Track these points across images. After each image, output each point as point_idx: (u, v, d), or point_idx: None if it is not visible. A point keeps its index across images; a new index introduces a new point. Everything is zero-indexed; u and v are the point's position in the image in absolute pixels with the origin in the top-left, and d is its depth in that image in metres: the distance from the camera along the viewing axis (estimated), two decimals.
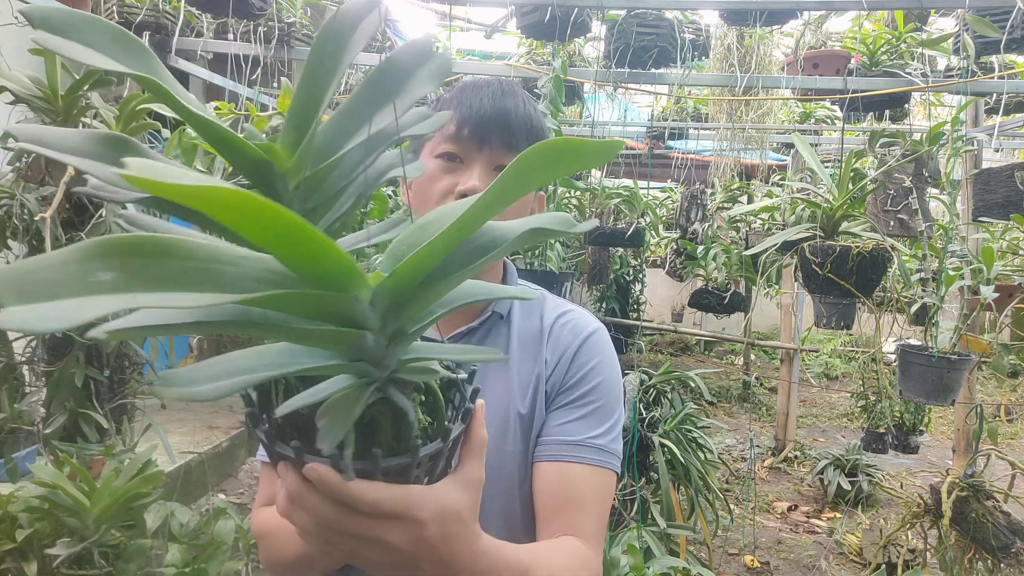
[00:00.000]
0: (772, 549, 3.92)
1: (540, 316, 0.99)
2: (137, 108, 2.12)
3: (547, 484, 0.88)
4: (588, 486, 0.87)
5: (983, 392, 7.40)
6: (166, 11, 3.08)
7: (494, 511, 0.85)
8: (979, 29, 2.68)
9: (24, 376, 2.59)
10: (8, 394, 2.50)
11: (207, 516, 2.49)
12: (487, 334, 0.97)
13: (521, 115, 0.91)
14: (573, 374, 0.93)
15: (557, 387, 0.93)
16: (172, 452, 3.14)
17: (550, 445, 0.89)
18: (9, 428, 2.46)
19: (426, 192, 0.91)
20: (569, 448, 0.89)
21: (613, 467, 0.92)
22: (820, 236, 2.58)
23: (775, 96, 4.27)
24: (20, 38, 2.54)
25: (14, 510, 2.03)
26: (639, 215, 4.37)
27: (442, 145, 0.91)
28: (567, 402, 0.92)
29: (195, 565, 2.19)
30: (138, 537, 2.11)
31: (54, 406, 2.48)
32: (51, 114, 2.05)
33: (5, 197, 2.35)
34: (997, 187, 2.68)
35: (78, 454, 2.36)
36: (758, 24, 3.17)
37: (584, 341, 0.96)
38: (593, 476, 0.88)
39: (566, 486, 0.87)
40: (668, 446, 2.82)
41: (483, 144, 0.90)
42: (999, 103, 3.07)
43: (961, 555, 2.67)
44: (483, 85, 0.94)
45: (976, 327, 2.88)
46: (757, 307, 4.39)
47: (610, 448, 0.91)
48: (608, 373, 0.95)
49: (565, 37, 3.21)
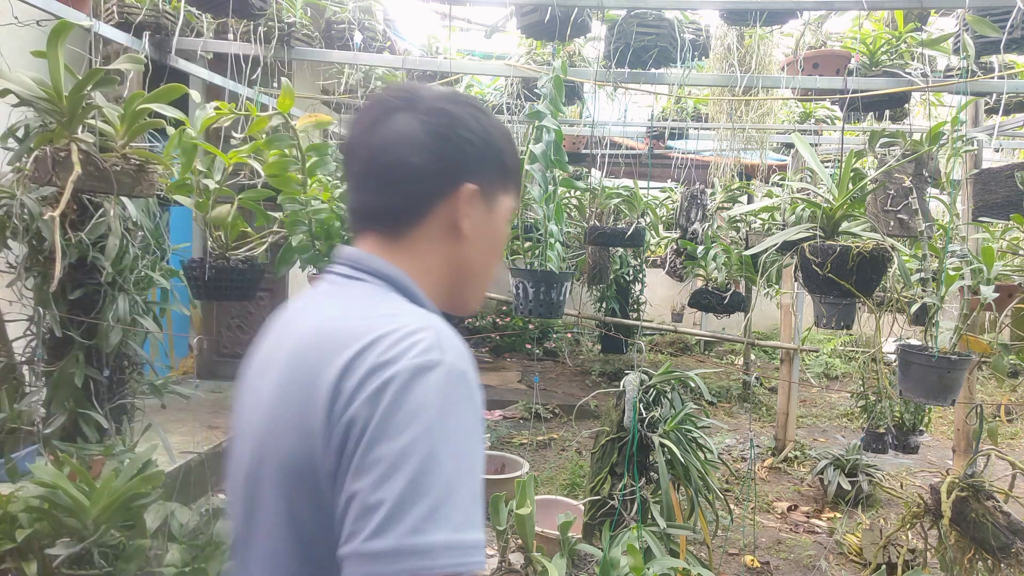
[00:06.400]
0: (772, 549, 3.93)
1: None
2: (139, 108, 2.12)
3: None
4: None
5: (983, 392, 7.40)
6: (166, 11, 3.08)
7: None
8: (979, 29, 2.68)
9: (24, 376, 2.59)
10: (8, 394, 2.50)
11: (207, 516, 2.49)
12: None
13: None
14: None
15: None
16: (172, 452, 3.14)
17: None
18: (9, 428, 2.46)
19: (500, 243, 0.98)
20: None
21: (410, 573, 0.65)
22: (820, 236, 2.58)
23: (775, 96, 4.27)
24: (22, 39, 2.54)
25: (14, 510, 2.02)
26: (639, 215, 4.37)
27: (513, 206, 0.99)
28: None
29: (195, 565, 2.19)
30: (138, 537, 2.11)
31: (54, 406, 2.48)
32: (55, 115, 2.04)
33: (5, 197, 2.35)
34: (997, 187, 2.68)
35: (78, 454, 2.36)
36: (758, 24, 3.17)
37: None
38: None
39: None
40: (668, 446, 2.82)
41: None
42: (999, 103, 3.07)
43: (961, 555, 2.67)
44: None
45: (976, 327, 2.88)
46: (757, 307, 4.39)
47: (376, 551, 0.66)
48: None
49: (565, 37, 3.21)
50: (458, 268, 0.91)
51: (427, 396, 0.70)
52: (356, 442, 0.70)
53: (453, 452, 0.69)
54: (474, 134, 0.88)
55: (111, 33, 2.84)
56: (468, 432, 0.72)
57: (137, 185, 2.09)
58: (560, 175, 3.08)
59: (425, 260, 0.89)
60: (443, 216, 0.88)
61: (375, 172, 0.86)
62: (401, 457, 0.67)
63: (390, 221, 0.88)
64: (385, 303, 0.83)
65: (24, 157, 2.20)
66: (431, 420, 0.69)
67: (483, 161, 0.90)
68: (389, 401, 0.70)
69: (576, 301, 5.68)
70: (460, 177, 0.87)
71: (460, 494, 0.68)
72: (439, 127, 0.86)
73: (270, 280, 4.04)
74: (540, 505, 3.23)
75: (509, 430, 5.80)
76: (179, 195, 2.56)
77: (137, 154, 2.12)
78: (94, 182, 1.99)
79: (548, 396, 6.69)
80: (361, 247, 0.90)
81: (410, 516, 0.65)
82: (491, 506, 2.90)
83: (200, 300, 2.78)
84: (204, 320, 5.21)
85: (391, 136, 0.85)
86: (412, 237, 0.88)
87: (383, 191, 0.87)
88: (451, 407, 0.71)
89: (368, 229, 0.89)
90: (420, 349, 0.73)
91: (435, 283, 0.90)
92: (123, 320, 2.50)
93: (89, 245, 2.35)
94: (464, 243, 0.90)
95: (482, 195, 0.90)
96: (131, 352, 2.67)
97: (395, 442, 0.68)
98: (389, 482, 0.67)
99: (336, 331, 0.78)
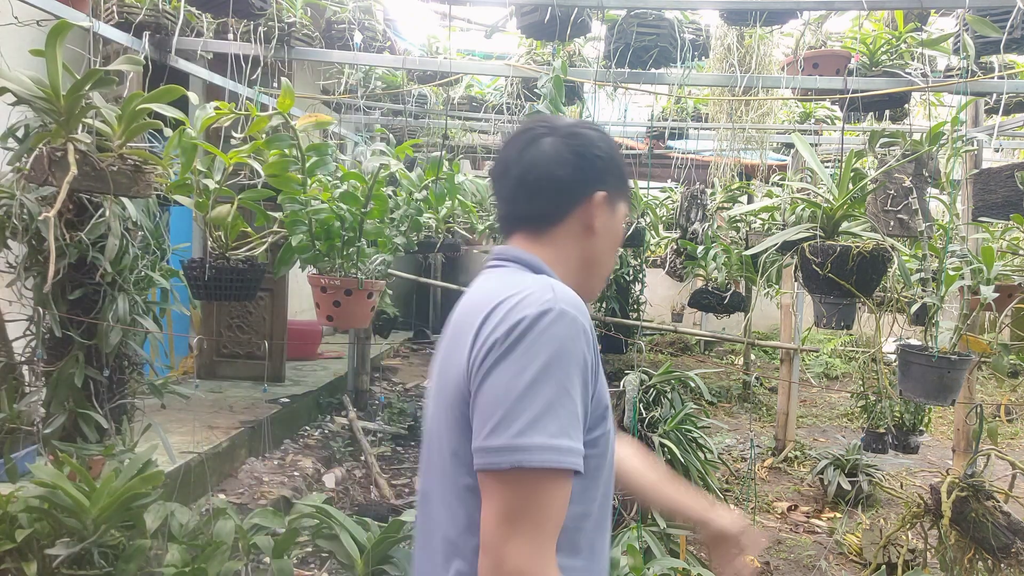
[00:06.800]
0: (772, 549, 3.92)
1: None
2: (138, 108, 2.11)
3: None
4: (484, 491, 0.93)
5: (983, 392, 7.40)
6: (166, 11, 3.08)
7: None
8: (979, 29, 2.68)
9: (24, 376, 2.59)
10: (8, 394, 2.49)
11: (207, 516, 2.49)
12: None
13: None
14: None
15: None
16: (172, 452, 3.14)
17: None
18: (9, 428, 2.46)
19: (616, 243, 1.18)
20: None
21: (496, 466, 0.89)
22: (820, 236, 2.58)
23: (775, 96, 4.27)
24: (20, 38, 2.54)
25: (14, 510, 2.02)
26: (639, 215, 4.36)
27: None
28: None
29: (195, 565, 2.19)
30: (138, 537, 2.11)
31: (54, 406, 2.48)
32: (53, 114, 2.04)
33: (5, 197, 2.35)
34: (997, 187, 2.68)
35: (78, 454, 2.36)
36: (758, 24, 3.17)
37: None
38: (484, 479, 0.92)
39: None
40: (668, 446, 2.82)
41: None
42: (999, 103, 3.07)
43: (961, 555, 2.67)
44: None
45: (976, 327, 2.88)
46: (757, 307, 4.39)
47: (492, 446, 0.90)
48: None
49: (565, 37, 3.21)
50: (588, 259, 1.13)
51: (540, 333, 0.92)
52: (488, 364, 0.93)
53: (555, 378, 0.90)
54: (603, 151, 1.12)
55: (111, 33, 2.84)
56: (570, 364, 0.92)
57: (134, 185, 2.08)
58: None
59: (563, 252, 1.11)
60: (579, 218, 1.10)
61: (527, 184, 1.10)
62: (514, 378, 0.90)
63: (537, 222, 1.11)
64: (519, 276, 1.05)
65: (24, 157, 2.19)
66: (539, 351, 0.91)
67: (609, 172, 1.12)
68: (513, 337, 0.92)
69: None
70: (593, 186, 1.10)
71: (557, 412, 0.89)
72: (577, 146, 1.10)
73: (270, 280, 4.04)
74: None
75: None
76: (179, 195, 2.56)
77: (134, 154, 2.12)
78: (90, 182, 1.99)
79: None
80: (509, 245, 1.14)
81: (516, 423, 0.88)
82: None
83: (200, 300, 2.78)
84: (204, 320, 5.21)
85: (540, 156, 1.09)
86: (553, 234, 1.11)
87: (534, 199, 1.10)
88: (557, 343, 0.92)
89: (517, 230, 1.13)
90: (541, 299, 0.94)
91: (569, 271, 1.11)
92: (123, 320, 2.50)
93: (89, 245, 2.34)
94: (594, 239, 1.12)
95: (608, 200, 1.11)
96: (131, 352, 2.67)
97: (511, 366, 0.91)
98: (503, 397, 0.90)
99: (481, 296, 1.03)
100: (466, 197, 3.51)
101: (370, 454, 4.71)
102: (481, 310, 0.98)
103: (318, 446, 4.69)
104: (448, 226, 4.83)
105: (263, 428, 4.26)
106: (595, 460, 1.00)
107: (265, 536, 2.44)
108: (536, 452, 0.87)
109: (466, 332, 0.99)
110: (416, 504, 1.18)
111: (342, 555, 2.48)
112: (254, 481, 3.87)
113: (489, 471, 0.90)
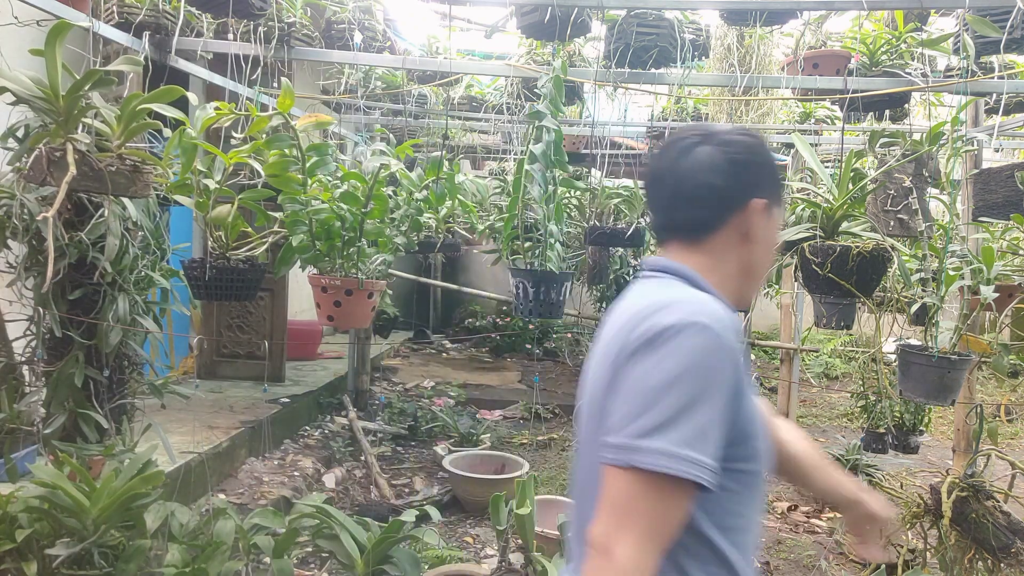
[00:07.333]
0: (772, 549, 3.92)
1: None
2: (138, 108, 2.11)
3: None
4: (604, 481, 0.94)
5: (983, 392, 7.40)
6: (166, 11, 3.08)
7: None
8: (979, 29, 2.67)
9: (24, 376, 2.59)
10: (8, 394, 2.49)
11: (207, 516, 2.49)
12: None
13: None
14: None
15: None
16: (172, 452, 3.14)
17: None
18: (9, 428, 2.45)
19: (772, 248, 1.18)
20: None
21: (614, 462, 0.92)
22: (820, 236, 2.58)
23: (775, 96, 4.26)
24: (20, 38, 2.54)
25: (14, 510, 2.02)
26: (639, 215, 4.36)
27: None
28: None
29: (195, 565, 2.19)
30: (138, 537, 2.11)
31: (54, 406, 2.48)
32: (52, 114, 2.04)
33: (5, 197, 2.35)
34: (997, 187, 2.68)
35: (78, 454, 2.36)
36: (758, 24, 3.17)
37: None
38: (605, 472, 0.94)
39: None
40: None
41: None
42: (999, 103, 3.07)
43: (961, 555, 2.67)
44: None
45: (976, 327, 2.87)
46: (757, 307, 4.39)
47: (614, 443, 0.93)
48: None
49: (565, 37, 3.21)
50: (745, 267, 1.13)
51: (680, 342, 0.93)
52: (625, 366, 0.96)
53: (687, 388, 0.91)
54: (759, 157, 1.12)
55: (111, 33, 2.84)
56: (707, 377, 0.92)
57: (132, 185, 2.08)
58: (560, 175, 3.08)
59: (719, 261, 1.11)
60: (736, 226, 1.10)
61: (683, 194, 1.10)
62: (645, 379, 0.93)
63: (693, 231, 1.11)
64: (671, 288, 1.07)
65: (24, 157, 2.19)
66: (677, 359, 0.92)
67: (765, 178, 1.12)
68: (654, 342, 0.94)
69: (576, 301, 5.68)
70: (751, 193, 1.09)
71: (685, 422, 0.90)
72: (735, 154, 1.09)
73: (270, 280, 4.04)
74: (540, 505, 3.23)
75: (509, 430, 5.80)
76: (179, 195, 2.56)
77: (133, 154, 2.12)
78: (89, 182, 1.99)
79: (548, 396, 6.69)
80: (664, 255, 1.15)
81: (637, 424, 0.91)
82: (491, 506, 2.90)
83: (200, 300, 2.78)
84: (204, 320, 5.20)
85: (696, 165, 1.09)
86: (710, 243, 1.10)
87: (690, 208, 1.10)
88: (696, 354, 0.92)
89: (672, 240, 1.14)
90: (687, 312, 0.96)
91: (724, 278, 1.11)
92: (123, 320, 2.50)
93: (89, 245, 2.34)
94: (751, 247, 1.11)
95: (766, 207, 1.10)
96: (131, 352, 2.67)
97: (646, 367, 0.93)
98: (632, 397, 0.93)
99: (631, 307, 1.05)
100: (466, 197, 3.51)
101: (370, 454, 4.71)
102: (630, 318, 1.01)
103: (318, 446, 4.69)
104: (448, 226, 4.83)
105: (263, 428, 4.26)
106: (736, 479, 1.00)
107: (265, 536, 2.44)
108: (652, 455, 0.89)
109: (615, 340, 1.02)
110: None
111: (342, 555, 2.48)
112: (254, 481, 3.87)
113: (610, 465, 0.93)
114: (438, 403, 6.10)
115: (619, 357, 0.98)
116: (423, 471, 4.82)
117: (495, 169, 7.03)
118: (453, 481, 4.36)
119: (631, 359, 0.95)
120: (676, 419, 0.90)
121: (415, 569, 2.53)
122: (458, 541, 3.88)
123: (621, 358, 0.97)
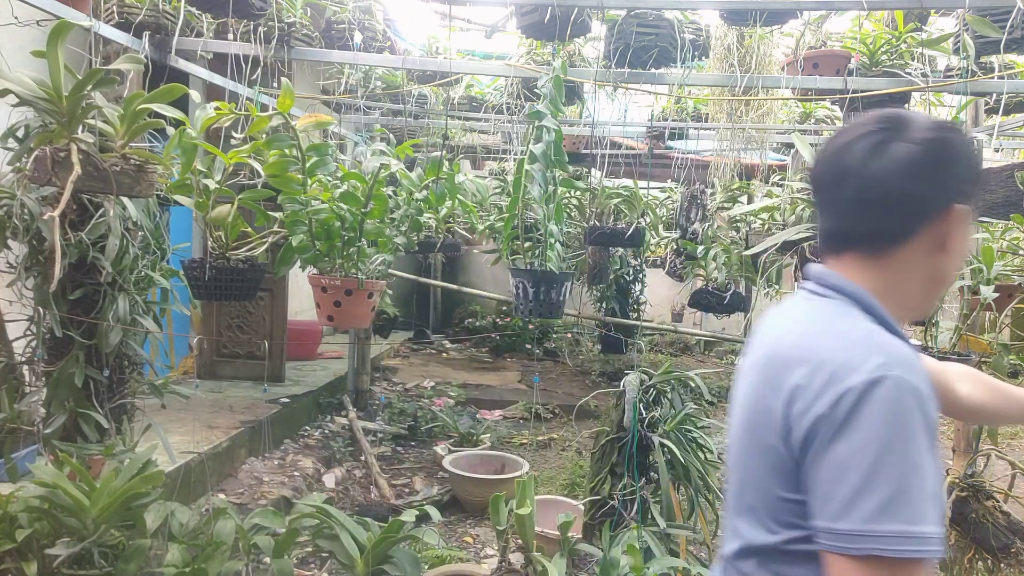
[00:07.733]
0: None
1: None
2: (139, 108, 2.12)
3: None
4: (831, 570, 0.87)
5: None
6: (166, 11, 3.08)
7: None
8: (979, 29, 2.68)
9: (24, 376, 2.59)
10: (8, 394, 2.49)
11: (207, 516, 2.49)
12: None
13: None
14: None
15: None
16: (172, 452, 3.14)
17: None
18: (9, 428, 2.46)
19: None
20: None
21: (847, 551, 0.84)
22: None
23: (775, 96, 4.26)
24: (21, 39, 2.54)
25: (14, 510, 2.02)
26: (639, 215, 4.36)
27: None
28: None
29: (195, 565, 2.19)
30: (138, 537, 2.11)
31: (54, 406, 2.48)
32: (55, 115, 2.04)
33: (5, 197, 2.35)
34: (997, 187, 2.68)
35: (78, 454, 2.36)
36: (758, 24, 3.17)
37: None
38: (834, 560, 0.86)
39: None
40: (668, 446, 2.82)
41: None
42: (999, 103, 3.08)
43: (961, 555, 2.67)
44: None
45: (976, 327, 2.88)
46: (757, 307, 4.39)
47: (842, 531, 0.84)
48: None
49: (565, 37, 3.21)
50: (933, 279, 0.99)
51: (877, 406, 0.83)
52: (820, 440, 0.86)
53: (900, 456, 0.82)
54: (966, 158, 0.97)
55: (111, 33, 2.84)
56: (913, 438, 0.83)
57: (136, 185, 2.08)
58: (560, 175, 3.08)
59: (902, 275, 0.98)
60: (929, 235, 0.95)
61: (871, 199, 0.96)
62: (855, 456, 0.83)
63: (876, 242, 0.97)
64: (843, 319, 0.95)
65: (24, 157, 2.19)
66: (880, 427, 0.83)
67: (969, 183, 0.98)
68: (846, 410, 0.84)
69: (576, 301, 5.67)
70: (951, 199, 0.95)
71: (910, 493, 0.82)
72: (937, 155, 0.94)
73: (270, 280, 4.04)
74: (540, 505, 3.23)
75: (509, 430, 5.79)
76: (179, 195, 2.56)
77: (137, 154, 2.12)
78: (93, 182, 1.99)
79: (548, 396, 6.69)
80: (834, 266, 1.01)
81: (864, 507, 0.82)
82: (491, 506, 2.90)
83: (200, 300, 2.78)
84: (204, 320, 5.21)
85: (891, 167, 0.94)
86: (894, 255, 0.97)
87: (879, 218, 0.96)
88: (897, 416, 0.83)
89: (848, 250, 1.00)
90: (869, 365, 0.86)
91: (906, 294, 0.99)
92: (123, 320, 2.50)
93: (89, 245, 2.34)
94: (945, 257, 0.97)
95: (967, 213, 0.96)
96: (131, 352, 2.67)
97: (850, 444, 0.83)
98: (846, 478, 0.83)
99: (797, 344, 0.95)
100: (466, 197, 3.51)
101: (370, 454, 4.72)
102: (796, 359, 0.92)
103: (318, 446, 4.69)
104: (448, 226, 4.84)
105: (263, 428, 4.26)
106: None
107: (265, 536, 2.44)
108: (893, 542, 0.81)
109: (779, 377, 0.94)
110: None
111: (342, 555, 2.48)
112: (254, 481, 3.87)
113: (840, 555, 0.84)
114: (438, 403, 6.10)
115: (798, 419, 0.89)
116: (423, 471, 4.82)
117: (495, 169, 7.03)
118: (453, 481, 4.36)
119: (824, 433, 0.86)
120: (902, 494, 0.82)
121: (415, 569, 2.53)
122: (458, 541, 3.88)
123: (804, 425, 0.88)
